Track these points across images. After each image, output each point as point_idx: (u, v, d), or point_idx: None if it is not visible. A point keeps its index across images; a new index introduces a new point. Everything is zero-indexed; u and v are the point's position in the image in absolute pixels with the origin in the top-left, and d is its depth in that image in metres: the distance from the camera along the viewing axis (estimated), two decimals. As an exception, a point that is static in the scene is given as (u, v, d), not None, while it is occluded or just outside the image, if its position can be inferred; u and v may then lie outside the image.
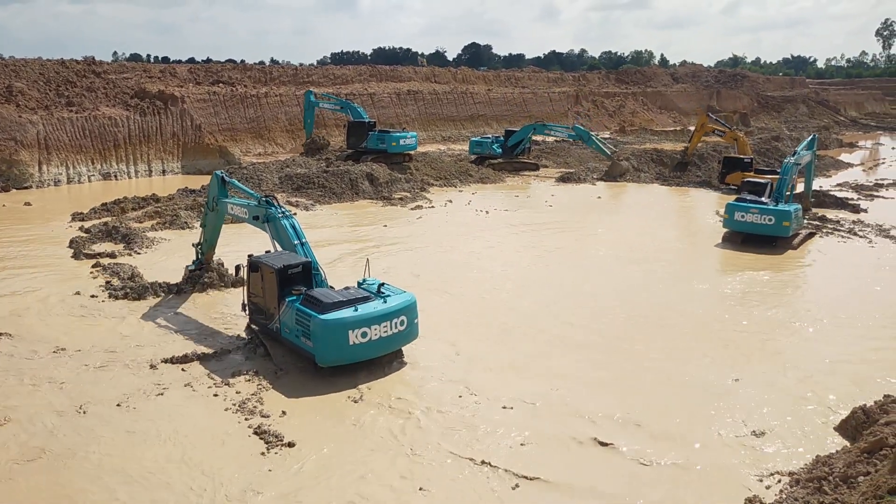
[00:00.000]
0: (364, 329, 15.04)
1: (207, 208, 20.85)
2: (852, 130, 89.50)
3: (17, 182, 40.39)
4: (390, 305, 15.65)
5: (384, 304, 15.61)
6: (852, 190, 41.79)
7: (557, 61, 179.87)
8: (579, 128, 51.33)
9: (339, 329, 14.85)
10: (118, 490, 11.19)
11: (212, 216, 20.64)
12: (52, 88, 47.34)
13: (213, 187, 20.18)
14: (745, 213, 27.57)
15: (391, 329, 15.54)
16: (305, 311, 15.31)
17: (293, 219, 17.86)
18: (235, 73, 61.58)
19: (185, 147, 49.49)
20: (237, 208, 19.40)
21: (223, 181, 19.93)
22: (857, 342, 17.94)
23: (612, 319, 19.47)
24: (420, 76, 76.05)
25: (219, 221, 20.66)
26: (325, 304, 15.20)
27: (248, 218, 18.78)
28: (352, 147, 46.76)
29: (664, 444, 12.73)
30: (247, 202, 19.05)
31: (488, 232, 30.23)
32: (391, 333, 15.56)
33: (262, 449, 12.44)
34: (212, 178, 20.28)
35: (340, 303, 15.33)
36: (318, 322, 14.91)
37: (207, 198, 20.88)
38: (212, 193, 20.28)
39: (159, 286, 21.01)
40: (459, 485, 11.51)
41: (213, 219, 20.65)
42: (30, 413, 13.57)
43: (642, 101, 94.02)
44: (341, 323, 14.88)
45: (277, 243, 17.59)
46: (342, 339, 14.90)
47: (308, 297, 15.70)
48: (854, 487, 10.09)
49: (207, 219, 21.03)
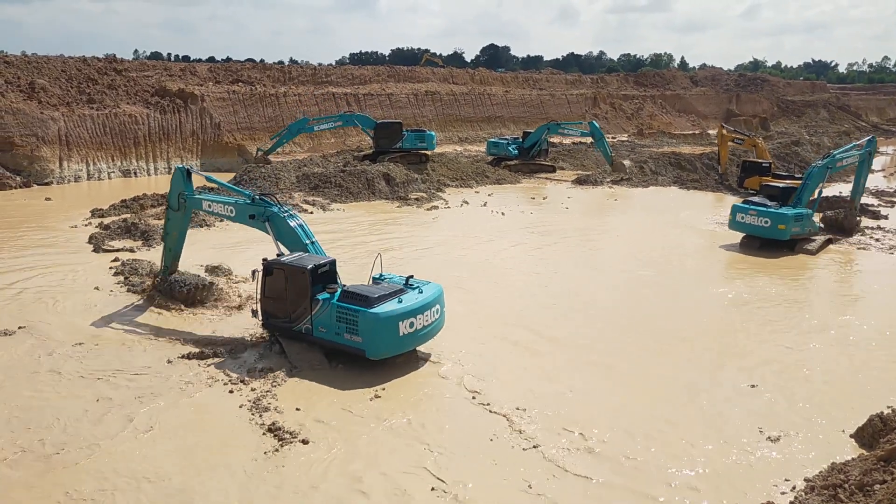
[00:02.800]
0: (411, 320, 15.33)
1: (171, 208, 19.06)
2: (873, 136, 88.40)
3: (38, 178, 40.95)
4: (427, 295, 15.96)
5: (421, 295, 15.89)
6: (873, 196, 41.37)
7: (576, 63, 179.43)
8: (594, 125, 49.88)
9: (390, 322, 15.05)
10: (131, 486, 11.29)
11: (177, 217, 19.05)
12: (73, 85, 47.89)
13: (177, 183, 18.62)
14: (745, 214, 27.85)
15: (430, 318, 15.92)
16: (351, 307, 15.28)
17: (298, 218, 17.69)
18: (255, 73, 61.98)
19: (205, 145, 49.94)
20: (217, 205, 18.30)
21: (188, 174, 18.58)
22: (875, 349, 17.76)
23: (625, 322, 19.39)
24: (438, 77, 76.14)
25: (185, 223, 19.37)
26: (371, 298, 15.27)
27: (235, 216, 17.97)
28: (382, 148, 45.82)
29: (679, 449, 12.67)
30: (234, 200, 18.21)
31: (503, 233, 30.21)
32: (430, 322, 15.95)
33: (276, 445, 12.51)
34: (175, 174, 18.69)
35: (384, 296, 15.45)
36: (369, 316, 14.99)
37: (169, 197, 19.06)
38: (176, 190, 18.70)
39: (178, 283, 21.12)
40: (474, 484, 11.51)
41: (179, 221, 19.11)
42: (48, 406, 13.74)
43: (661, 105, 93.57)
44: (392, 315, 15.07)
45: (280, 243, 17.14)
46: (393, 332, 15.10)
47: (348, 293, 15.63)
48: (870, 495, 10.00)
49: (171, 224, 19.27)
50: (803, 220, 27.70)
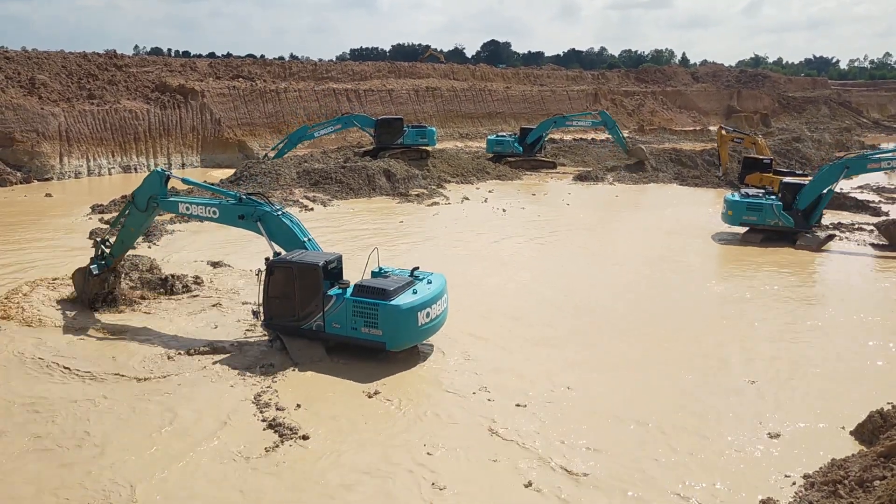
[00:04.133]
0: (427, 310, 15.50)
1: (136, 207, 18.09)
2: (874, 132, 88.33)
3: (38, 173, 40.98)
4: (436, 286, 16.13)
5: (431, 285, 16.05)
6: (873, 192, 41.38)
7: (577, 59, 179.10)
8: (605, 113, 49.77)
9: (410, 313, 15.19)
10: (131, 482, 11.31)
11: (139, 217, 18.19)
12: (73, 81, 47.88)
13: (151, 186, 17.82)
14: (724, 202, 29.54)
15: (442, 307, 16.18)
16: (368, 301, 15.33)
17: (291, 215, 17.56)
18: (255, 68, 61.93)
19: (205, 141, 49.94)
20: (197, 207, 17.68)
21: (166, 180, 17.90)
22: (875, 345, 17.77)
23: (625, 318, 19.40)
24: (438, 73, 76.06)
25: (146, 223, 18.95)
26: (388, 291, 15.35)
27: (219, 217, 17.49)
28: (383, 144, 45.58)
29: (677, 444, 12.68)
30: (218, 201, 17.81)
31: (504, 228, 30.21)
32: (441, 312, 16.16)
33: (277, 441, 12.52)
34: (151, 177, 17.96)
35: (399, 288, 15.55)
36: (389, 309, 15.09)
37: (136, 197, 18.09)
38: (148, 192, 17.84)
39: (177, 278, 21.17)
40: (473, 481, 11.52)
41: (141, 220, 18.31)
42: (47, 400, 13.76)
43: (662, 101, 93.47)
44: (411, 306, 15.21)
45: (274, 242, 16.89)
46: (413, 323, 15.27)
47: (363, 287, 15.66)
48: (870, 491, 10.00)
49: (131, 219, 18.32)
50: (762, 210, 28.18)
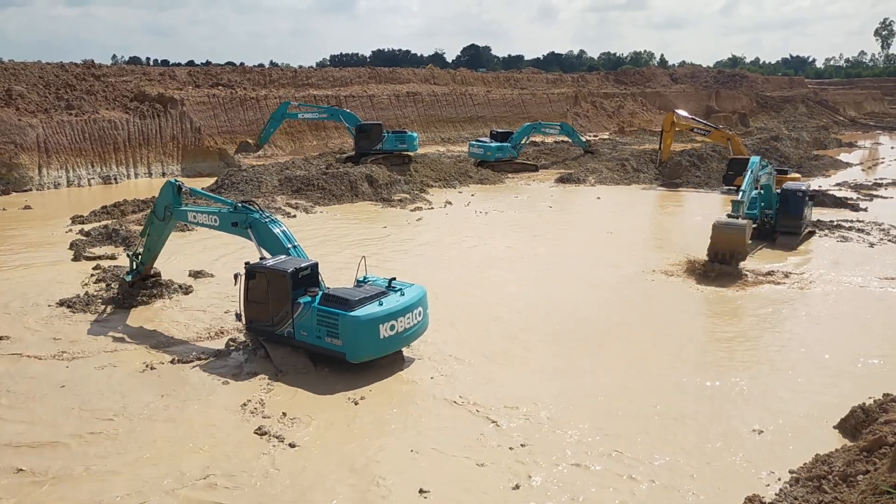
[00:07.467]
0: (392, 322, 15.25)
1: (156, 217, 19.34)
2: (851, 130, 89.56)
3: (16, 185, 40.47)
4: (409, 298, 15.91)
5: (403, 297, 15.84)
6: (851, 189, 41.87)
7: (556, 62, 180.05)
8: (565, 124, 57.55)
9: (370, 324, 14.97)
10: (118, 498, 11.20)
11: (159, 225, 19.38)
12: (51, 92, 47.37)
13: (165, 196, 18.91)
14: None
15: (412, 320, 15.85)
16: (331, 310, 15.22)
17: (280, 223, 17.70)
18: (235, 76, 61.65)
19: (185, 149, 49.54)
20: (202, 216, 18.55)
21: (179, 190, 18.80)
22: (856, 340, 17.96)
23: (608, 322, 19.50)
24: (419, 78, 76.08)
25: (167, 231, 19.75)
26: (351, 301, 15.19)
27: (219, 225, 18.05)
28: (363, 150, 45.54)
29: (663, 443, 12.75)
30: (217, 210, 18.33)
31: (487, 233, 30.24)
32: (412, 325, 15.88)
33: (264, 450, 12.45)
34: (165, 187, 19.00)
35: (365, 299, 15.39)
36: (348, 319, 14.93)
37: (156, 206, 19.34)
38: (164, 202, 18.94)
39: (165, 287, 21.04)
40: (461, 486, 11.51)
41: (161, 228, 19.46)
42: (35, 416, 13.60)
43: (641, 102, 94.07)
44: (372, 318, 15.00)
45: (263, 248, 17.11)
46: (373, 334, 15.03)
47: (328, 296, 15.59)
48: (853, 486, 10.10)
49: (153, 227, 19.59)
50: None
